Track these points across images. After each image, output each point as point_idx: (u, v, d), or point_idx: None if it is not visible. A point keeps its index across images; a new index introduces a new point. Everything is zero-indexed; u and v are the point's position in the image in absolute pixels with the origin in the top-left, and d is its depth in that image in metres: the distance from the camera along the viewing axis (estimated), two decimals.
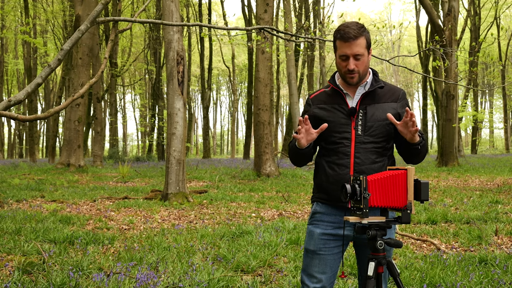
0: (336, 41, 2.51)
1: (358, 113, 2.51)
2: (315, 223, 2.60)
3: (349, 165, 2.48)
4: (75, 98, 4.77)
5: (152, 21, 4.84)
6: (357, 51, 2.45)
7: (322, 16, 27.82)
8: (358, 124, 2.51)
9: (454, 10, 18.97)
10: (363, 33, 2.46)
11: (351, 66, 2.46)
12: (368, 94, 2.54)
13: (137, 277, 4.14)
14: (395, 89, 2.61)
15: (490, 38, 30.27)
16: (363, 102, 2.53)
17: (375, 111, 2.52)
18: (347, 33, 2.44)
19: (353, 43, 2.44)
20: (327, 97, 2.61)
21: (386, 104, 2.54)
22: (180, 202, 9.62)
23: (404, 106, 2.57)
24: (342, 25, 2.50)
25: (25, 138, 39.51)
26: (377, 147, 2.51)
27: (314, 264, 2.56)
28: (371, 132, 2.49)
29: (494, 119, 56.29)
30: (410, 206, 2.31)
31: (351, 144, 2.49)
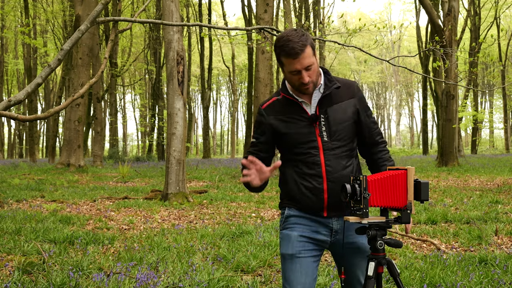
0: (281, 57, 2.34)
1: (319, 118, 2.40)
2: (290, 226, 2.48)
3: (321, 174, 2.38)
4: (75, 98, 4.77)
5: (152, 21, 4.84)
6: (308, 63, 2.31)
7: (322, 16, 27.83)
8: (322, 130, 2.40)
9: (454, 10, 18.97)
10: (307, 41, 2.30)
11: (305, 79, 2.33)
12: (325, 96, 2.42)
13: (137, 277, 4.14)
14: (349, 84, 2.50)
15: (490, 38, 30.26)
16: (322, 106, 2.41)
17: (336, 113, 2.41)
18: (293, 49, 2.28)
19: (301, 57, 2.29)
20: (282, 107, 2.45)
21: (345, 103, 2.44)
22: (180, 202, 9.61)
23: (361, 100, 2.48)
24: (283, 40, 2.31)
25: (25, 138, 39.52)
26: (345, 150, 2.43)
27: (295, 268, 2.44)
28: (337, 137, 2.40)
29: (494, 119, 56.29)
30: (410, 206, 2.31)
31: (320, 153, 2.39)
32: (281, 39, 2.33)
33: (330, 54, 37.54)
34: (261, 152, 2.52)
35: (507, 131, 43.23)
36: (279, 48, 2.33)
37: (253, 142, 2.55)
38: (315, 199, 2.39)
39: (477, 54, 10.27)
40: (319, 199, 2.39)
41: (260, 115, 2.51)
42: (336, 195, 2.36)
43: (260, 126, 2.50)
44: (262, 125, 2.49)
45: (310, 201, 2.40)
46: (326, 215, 2.42)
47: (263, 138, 2.50)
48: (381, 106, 71.00)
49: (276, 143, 2.52)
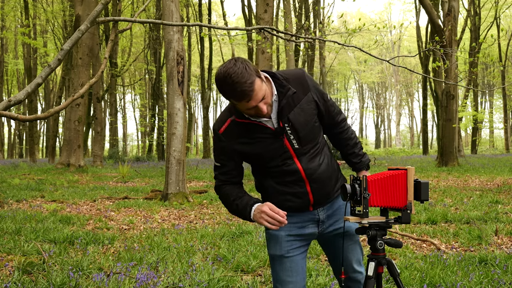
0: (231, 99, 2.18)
1: (285, 129, 2.30)
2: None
3: (303, 179, 2.36)
4: (75, 98, 4.77)
5: (152, 21, 4.84)
6: (262, 95, 2.15)
7: (322, 16, 27.84)
8: (291, 139, 2.32)
9: (454, 10, 18.98)
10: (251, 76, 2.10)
11: (264, 110, 2.19)
12: (283, 106, 2.29)
13: (137, 277, 4.14)
14: (298, 77, 2.35)
15: (490, 38, 30.27)
16: (282, 116, 2.28)
17: (299, 117, 2.31)
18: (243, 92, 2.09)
19: (254, 94, 2.12)
20: (242, 129, 2.30)
21: (303, 102, 2.32)
22: (180, 202, 9.61)
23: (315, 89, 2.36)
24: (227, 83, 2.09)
25: (25, 138, 39.53)
26: (315, 149, 2.40)
27: (286, 268, 2.43)
28: (306, 140, 2.36)
29: (494, 119, 56.32)
30: (410, 206, 2.31)
31: (295, 160, 2.35)
32: (225, 82, 2.10)
33: (330, 54, 37.54)
34: (234, 177, 2.42)
35: (507, 131, 43.23)
36: (226, 92, 2.13)
37: (218, 167, 2.40)
38: (301, 201, 2.40)
39: (477, 54, 10.29)
40: (304, 200, 2.40)
41: (220, 141, 2.34)
42: (320, 192, 2.40)
43: (224, 152, 2.36)
44: (225, 151, 2.35)
45: (295, 205, 2.41)
46: (312, 209, 2.44)
47: (231, 164, 2.38)
48: (381, 106, 71.00)
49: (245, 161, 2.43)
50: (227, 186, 2.41)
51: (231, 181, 2.43)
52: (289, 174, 2.37)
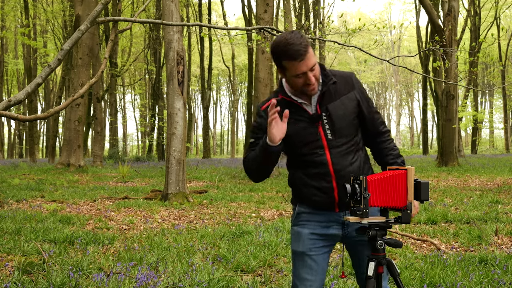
0: (283, 62, 2.27)
1: (321, 117, 2.36)
2: (302, 223, 2.47)
3: (329, 173, 2.37)
4: (75, 98, 4.77)
5: (152, 21, 4.84)
6: (312, 63, 2.27)
7: (322, 16, 27.84)
8: (326, 129, 2.36)
9: (454, 10, 18.98)
10: (307, 42, 2.26)
11: (311, 80, 2.28)
12: (324, 93, 2.38)
13: (137, 277, 4.14)
14: (346, 76, 2.45)
15: (490, 38, 30.27)
16: (322, 104, 2.37)
17: (338, 109, 2.37)
18: (297, 52, 2.23)
19: (306, 58, 2.24)
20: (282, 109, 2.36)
21: (345, 97, 2.40)
22: (180, 202, 9.61)
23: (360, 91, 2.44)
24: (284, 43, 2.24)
25: (25, 138, 39.53)
26: (350, 146, 2.40)
27: (306, 265, 2.44)
28: (341, 133, 2.37)
29: (494, 119, 56.32)
30: (410, 206, 2.31)
31: (326, 152, 2.37)
32: (280, 43, 2.26)
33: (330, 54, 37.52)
34: None
35: (507, 131, 43.23)
36: (281, 52, 2.25)
37: (252, 143, 2.45)
38: (326, 197, 2.39)
39: (477, 54, 10.29)
40: (329, 197, 2.39)
41: (260, 116, 2.44)
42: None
43: (260, 128, 2.41)
44: (262, 127, 2.40)
45: (321, 200, 2.40)
46: (338, 210, 2.42)
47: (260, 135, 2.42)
48: (381, 106, 70.99)
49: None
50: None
51: None
52: (317, 165, 2.38)
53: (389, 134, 2.56)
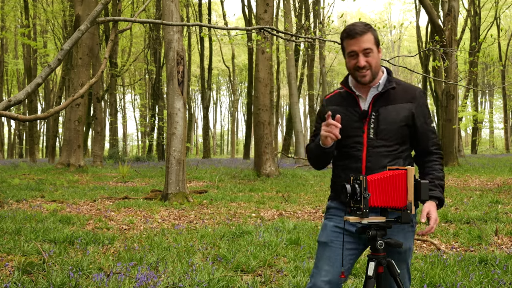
0: (344, 41, 2.46)
1: (370, 116, 2.46)
2: (329, 217, 2.60)
3: (361, 169, 2.45)
4: (75, 98, 4.77)
5: (152, 21, 4.84)
6: (366, 46, 2.40)
7: (322, 16, 27.83)
8: (370, 128, 2.45)
9: (454, 10, 18.97)
10: (369, 29, 2.42)
11: (361, 62, 2.40)
12: (381, 95, 2.47)
13: (137, 277, 4.14)
14: (411, 89, 2.52)
15: (490, 38, 30.29)
16: (375, 104, 2.47)
17: (388, 114, 2.45)
18: (353, 30, 2.41)
19: (360, 39, 2.39)
20: (341, 99, 2.56)
21: (400, 105, 2.46)
22: (180, 202, 9.61)
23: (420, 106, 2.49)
24: (348, 25, 2.47)
25: (25, 138, 39.52)
26: (389, 150, 2.45)
27: (325, 256, 2.51)
28: (383, 136, 2.44)
29: (494, 119, 56.33)
30: (410, 206, 2.31)
31: (363, 149, 2.45)
32: (347, 26, 2.47)
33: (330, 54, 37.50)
34: None
35: (507, 131, 43.23)
36: (343, 32, 2.45)
37: (314, 131, 2.66)
38: None
39: (477, 54, 10.28)
40: None
41: (322, 105, 2.64)
42: None
43: (320, 116, 2.60)
44: (321, 114, 2.59)
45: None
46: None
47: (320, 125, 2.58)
48: None
49: None
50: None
51: None
52: (352, 159, 2.48)
53: (439, 157, 2.53)
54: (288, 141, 31.35)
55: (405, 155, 2.51)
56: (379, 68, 2.50)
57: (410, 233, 2.54)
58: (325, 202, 9.91)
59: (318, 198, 10.46)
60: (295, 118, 24.11)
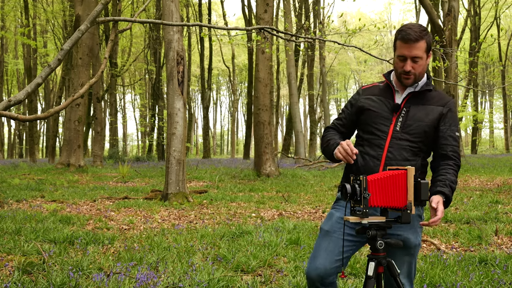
0: (397, 41, 2.52)
1: (401, 110, 2.55)
2: (337, 207, 2.65)
3: (381, 158, 2.52)
4: (75, 98, 4.77)
5: (152, 21, 4.85)
6: (416, 54, 2.46)
7: (322, 16, 27.84)
8: (398, 121, 2.54)
9: (454, 10, 18.97)
10: (424, 36, 2.46)
11: (407, 67, 2.48)
12: (416, 94, 2.57)
13: (137, 277, 4.14)
14: (445, 96, 2.62)
15: (490, 38, 30.28)
16: (409, 101, 2.57)
17: (417, 112, 2.54)
18: (408, 35, 2.45)
19: (413, 46, 2.45)
20: (378, 90, 2.67)
21: (431, 107, 2.55)
22: (180, 202, 9.61)
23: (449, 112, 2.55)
24: (405, 26, 2.52)
25: (25, 138, 39.52)
26: (412, 146, 2.52)
27: (324, 244, 2.56)
28: (409, 130, 2.52)
29: (494, 119, 56.32)
30: (410, 206, 2.31)
31: (387, 138, 2.53)
32: (404, 26, 2.53)
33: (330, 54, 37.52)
34: (342, 127, 2.73)
35: (507, 131, 43.23)
36: (399, 31, 2.51)
37: (339, 114, 2.76)
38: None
39: (477, 54, 10.28)
40: None
41: (357, 93, 2.74)
42: None
43: (351, 104, 2.71)
44: (353, 101, 2.71)
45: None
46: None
47: (349, 111, 2.70)
48: None
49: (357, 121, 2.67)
50: (333, 131, 2.73)
51: (338, 129, 2.73)
52: (374, 147, 2.55)
53: (455, 164, 2.53)
54: (288, 141, 31.36)
55: (423, 155, 2.59)
56: (424, 74, 2.59)
57: (419, 228, 2.60)
58: (325, 202, 9.91)
59: (318, 198, 10.46)
60: (295, 118, 24.10)
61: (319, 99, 37.08)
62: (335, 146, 2.53)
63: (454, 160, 2.53)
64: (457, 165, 2.53)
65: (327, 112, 31.25)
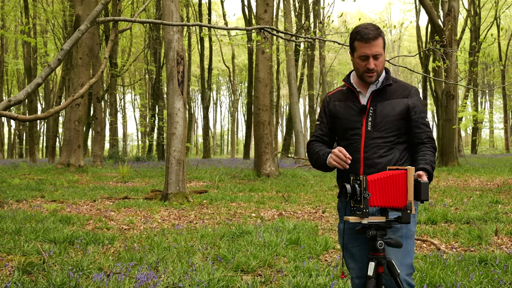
0: (355, 42, 2.60)
1: (368, 110, 2.63)
2: (340, 219, 2.74)
3: (359, 160, 2.59)
4: (75, 98, 4.77)
5: (152, 21, 4.85)
6: (377, 51, 2.57)
7: (322, 16, 27.83)
8: (368, 121, 2.62)
9: (454, 10, 18.97)
10: (381, 33, 2.59)
11: (371, 65, 2.57)
12: (379, 91, 2.66)
13: (137, 277, 4.14)
14: (407, 86, 2.71)
15: (490, 38, 30.26)
16: (374, 99, 2.65)
17: (384, 108, 2.63)
18: (367, 34, 2.55)
19: (373, 44, 2.55)
20: (342, 95, 2.76)
21: (396, 101, 2.64)
22: (180, 202, 9.61)
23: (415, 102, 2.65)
24: (360, 27, 2.60)
25: (25, 138, 39.51)
26: (386, 141, 2.60)
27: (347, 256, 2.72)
28: (379, 128, 2.60)
29: (494, 119, 56.29)
30: (410, 206, 2.31)
31: (361, 140, 2.61)
32: (358, 27, 2.62)
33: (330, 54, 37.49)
34: (325, 136, 2.79)
35: (507, 131, 43.23)
36: (355, 33, 2.59)
37: (317, 124, 2.84)
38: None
39: (477, 54, 10.28)
40: None
41: (325, 101, 2.84)
42: None
43: (323, 111, 2.81)
44: (324, 109, 2.80)
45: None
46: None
47: (325, 120, 2.79)
48: None
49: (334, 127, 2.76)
50: (317, 143, 2.78)
51: (322, 139, 2.80)
52: (352, 151, 2.61)
53: (432, 146, 2.65)
54: (288, 141, 31.36)
55: (401, 147, 2.66)
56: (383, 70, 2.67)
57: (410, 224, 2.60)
58: (325, 202, 9.91)
59: (318, 198, 10.46)
60: (295, 118, 24.10)
61: (319, 99, 37.07)
62: (326, 155, 2.61)
63: (430, 144, 2.64)
64: (433, 147, 2.64)
65: None
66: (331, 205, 9.32)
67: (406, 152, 2.68)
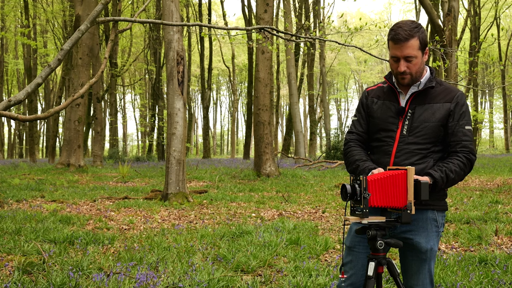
0: (389, 41, 2.46)
1: (406, 113, 2.48)
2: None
3: (388, 164, 2.46)
4: (75, 98, 4.77)
5: (152, 21, 4.85)
6: (408, 53, 2.39)
7: (322, 16, 27.84)
8: (404, 124, 2.47)
9: (454, 10, 18.97)
10: (415, 34, 2.38)
11: (401, 68, 2.42)
12: (420, 93, 2.49)
13: (137, 277, 4.14)
14: (451, 90, 2.49)
15: (490, 38, 30.26)
16: (413, 102, 2.48)
17: (423, 112, 2.45)
18: (398, 35, 2.38)
19: (404, 45, 2.38)
20: (382, 93, 2.60)
21: (438, 105, 2.45)
22: (180, 202, 9.61)
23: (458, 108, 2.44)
24: (396, 25, 2.44)
25: (25, 138, 39.51)
26: (420, 148, 2.44)
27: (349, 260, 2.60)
28: (416, 133, 2.44)
29: (494, 119, 56.29)
30: (410, 206, 2.31)
31: (394, 144, 2.47)
32: (395, 25, 2.45)
33: (330, 54, 37.54)
34: (365, 133, 2.64)
35: (507, 131, 43.24)
36: (390, 30, 2.45)
37: (354, 121, 2.69)
38: None
39: (477, 54, 10.28)
40: None
41: (364, 96, 2.68)
42: None
43: (361, 106, 2.67)
44: (362, 104, 2.66)
45: None
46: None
47: (364, 115, 2.64)
48: None
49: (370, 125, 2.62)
50: (355, 145, 2.62)
51: (362, 137, 2.64)
52: (382, 154, 2.50)
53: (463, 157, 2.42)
54: (288, 141, 31.36)
55: (437, 156, 2.48)
56: (422, 72, 2.49)
57: (433, 233, 2.50)
58: (325, 202, 9.91)
59: (318, 198, 10.46)
60: (295, 118, 24.10)
61: (319, 99, 37.08)
62: (367, 172, 2.42)
63: (463, 153, 2.42)
64: (467, 158, 2.41)
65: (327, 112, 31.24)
66: (331, 205, 9.32)
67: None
